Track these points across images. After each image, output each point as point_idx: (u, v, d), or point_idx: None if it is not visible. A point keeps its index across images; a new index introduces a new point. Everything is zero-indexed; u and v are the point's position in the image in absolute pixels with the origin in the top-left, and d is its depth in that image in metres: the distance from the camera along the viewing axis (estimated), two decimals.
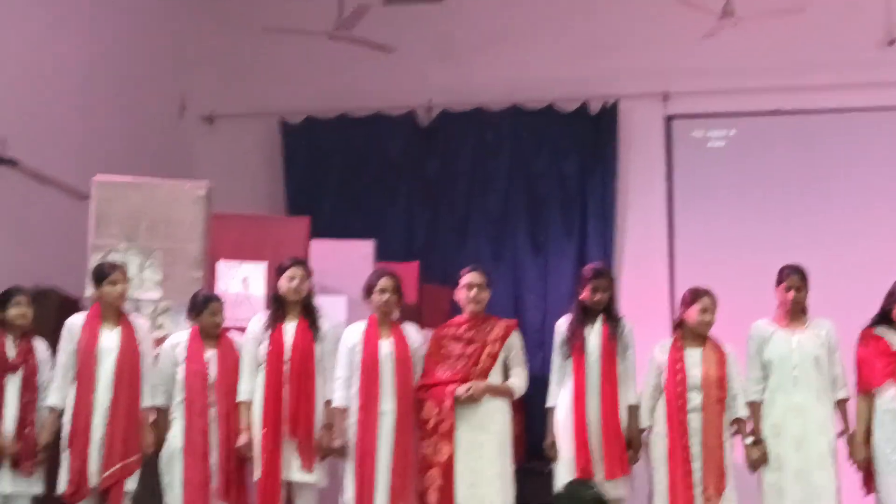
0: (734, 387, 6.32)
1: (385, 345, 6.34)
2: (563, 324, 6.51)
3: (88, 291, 6.59)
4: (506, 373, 6.43)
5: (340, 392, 6.31)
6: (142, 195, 6.99)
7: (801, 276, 6.41)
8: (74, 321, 6.32)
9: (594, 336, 6.39)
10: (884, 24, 8.96)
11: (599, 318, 6.43)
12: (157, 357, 6.39)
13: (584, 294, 6.46)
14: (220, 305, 6.43)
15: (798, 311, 6.42)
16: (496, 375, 6.37)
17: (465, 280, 6.47)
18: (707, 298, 6.37)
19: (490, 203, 9.64)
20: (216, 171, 8.61)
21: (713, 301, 6.38)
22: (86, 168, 7.52)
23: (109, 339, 6.24)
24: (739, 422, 6.33)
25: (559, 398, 6.42)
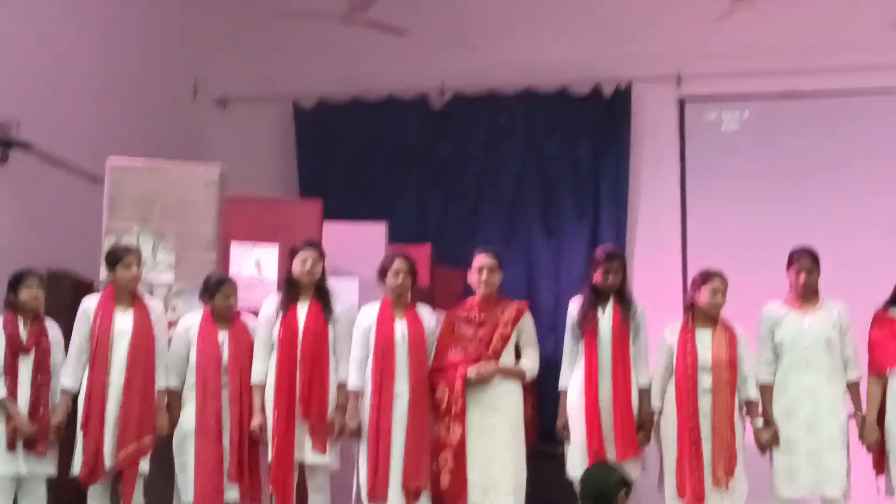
0: (745, 369, 6.32)
1: (399, 327, 6.35)
2: (575, 306, 6.52)
3: (102, 274, 6.61)
4: (518, 355, 6.45)
5: (355, 374, 6.32)
6: (155, 178, 6.99)
7: (813, 259, 6.39)
8: (89, 304, 6.35)
9: (606, 318, 6.38)
10: None
11: (611, 301, 6.43)
12: (171, 339, 6.43)
13: (597, 276, 6.45)
14: (234, 288, 6.46)
15: (810, 294, 6.40)
16: (508, 357, 6.38)
17: (477, 262, 6.47)
18: (717, 280, 6.36)
19: (503, 186, 9.61)
20: (229, 154, 8.63)
21: (724, 282, 6.37)
22: (99, 151, 7.53)
23: (123, 322, 6.27)
24: (750, 403, 6.34)
25: (571, 380, 6.43)
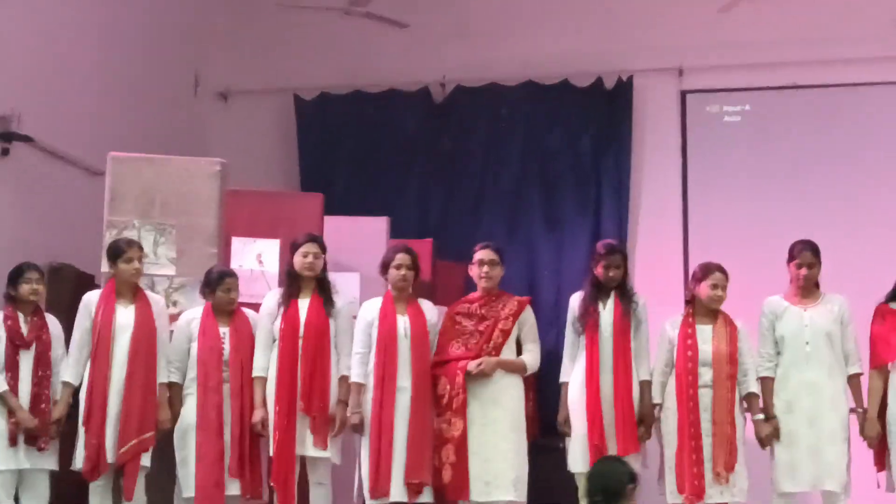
0: (745, 362, 6.31)
1: (402, 321, 6.35)
2: (577, 300, 6.51)
3: (104, 268, 6.61)
4: (519, 349, 6.45)
5: (358, 368, 6.32)
6: (156, 171, 6.98)
7: (814, 253, 6.38)
8: (90, 298, 6.36)
9: (607, 313, 6.38)
10: None
11: (612, 295, 6.43)
12: (172, 333, 6.43)
13: (598, 271, 6.45)
14: (235, 281, 6.45)
15: (810, 287, 6.39)
16: (509, 352, 6.39)
17: (478, 257, 6.47)
18: (718, 274, 6.35)
19: (504, 179, 9.59)
20: (230, 148, 8.62)
21: (724, 276, 6.36)
22: (100, 145, 7.53)
23: (125, 316, 6.28)
24: (750, 398, 6.33)
25: (572, 374, 6.43)
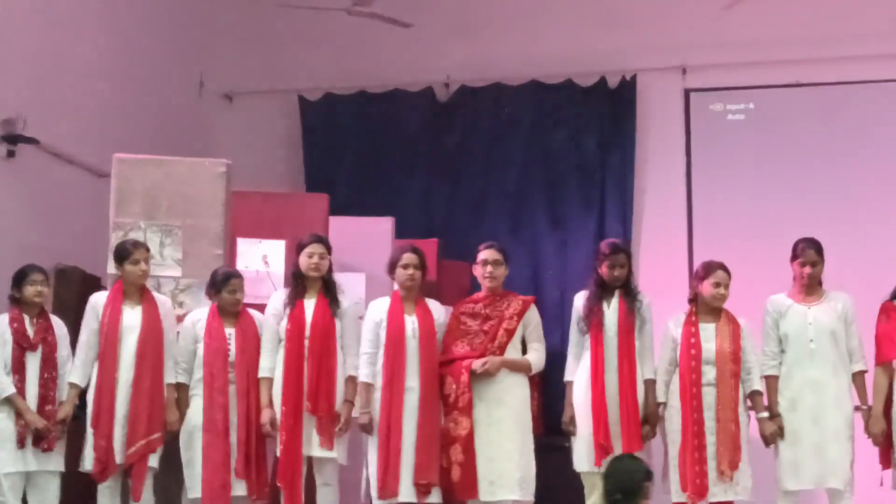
0: (749, 361, 6.31)
1: (410, 321, 6.36)
2: (581, 299, 6.53)
3: (111, 270, 6.62)
4: (524, 349, 6.46)
5: (366, 368, 6.33)
6: (162, 173, 6.99)
7: (817, 251, 6.38)
8: (97, 299, 6.38)
9: (611, 312, 6.39)
10: None
11: (617, 294, 6.44)
12: (178, 334, 6.45)
13: (602, 270, 6.46)
14: (240, 282, 6.47)
15: (814, 285, 6.40)
16: (514, 352, 6.39)
17: (481, 257, 6.48)
18: (720, 272, 6.36)
19: (509, 178, 9.60)
20: (235, 149, 8.64)
21: (727, 275, 6.36)
22: (106, 146, 7.55)
23: (132, 317, 6.30)
24: (754, 396, 6.34)
25: (577, 373, 6.44)
